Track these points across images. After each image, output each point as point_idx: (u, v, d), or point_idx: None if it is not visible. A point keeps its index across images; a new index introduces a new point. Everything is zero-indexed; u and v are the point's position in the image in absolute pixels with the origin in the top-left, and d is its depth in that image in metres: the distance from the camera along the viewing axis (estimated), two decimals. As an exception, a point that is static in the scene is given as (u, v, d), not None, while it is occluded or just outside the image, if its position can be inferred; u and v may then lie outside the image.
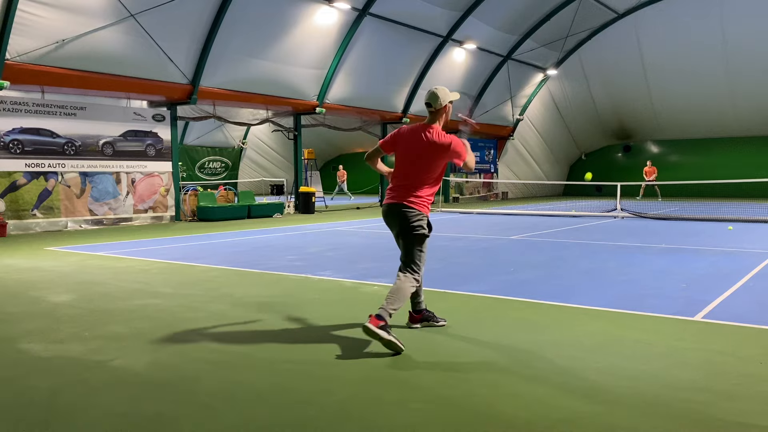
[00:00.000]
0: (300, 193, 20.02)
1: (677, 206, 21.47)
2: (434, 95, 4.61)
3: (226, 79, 17.10)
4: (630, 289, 6.53)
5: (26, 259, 9.35)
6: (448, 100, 4.65)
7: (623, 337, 4.66)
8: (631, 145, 32.31)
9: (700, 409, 3.27)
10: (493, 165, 29.39)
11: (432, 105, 4.63)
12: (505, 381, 3.74)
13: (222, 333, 4.89)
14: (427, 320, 4.97)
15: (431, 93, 4.64)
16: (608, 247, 10.13)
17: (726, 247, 10.11)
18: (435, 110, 4.64)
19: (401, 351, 4.22)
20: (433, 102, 4.62)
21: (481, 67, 25.04)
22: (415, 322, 4.95)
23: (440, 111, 4.65)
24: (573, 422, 3.12)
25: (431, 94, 4.64)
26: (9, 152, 13.47)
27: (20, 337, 4.80)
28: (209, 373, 3.92)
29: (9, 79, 12.79)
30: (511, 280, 7.21)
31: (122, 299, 6.23)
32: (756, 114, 26.92)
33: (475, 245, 10.65)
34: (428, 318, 4.97)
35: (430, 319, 4.97)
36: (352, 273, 7.67)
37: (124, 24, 14.21)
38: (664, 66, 26.59)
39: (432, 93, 4.63)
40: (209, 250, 10.30)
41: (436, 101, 4.61)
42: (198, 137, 30.13)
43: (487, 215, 18.37)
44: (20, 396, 3.55)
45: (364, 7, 18.76)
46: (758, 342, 4.51)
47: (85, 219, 14.87)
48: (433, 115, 4.67)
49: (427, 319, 4.97)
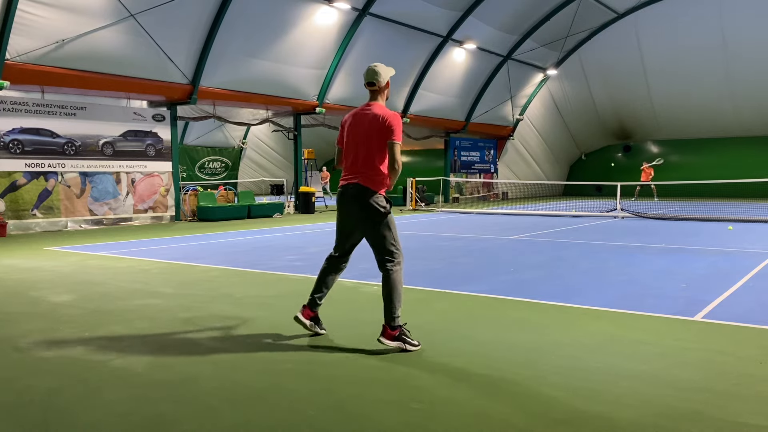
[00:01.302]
0: (300, 193, 20.02)
1: (677, 206, 21.47)
2: (375, 72, 4.43)
3: (226, 79, 17.10)
4: (630, 289, 6.53)
5: (26, 259, 9.35)
6: (389, 76, 4.49)
7: (623, 337, 4.66)
8: (631, 145, 32.31)
9: (700, 409, 3.27)
10: (493, 165, 29.40)
11: (375, 83, 4.45)
12: (505, 381, 3.74)
13: (222, 333, 4.89)
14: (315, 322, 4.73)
15: (372, 71, 4.44)
16: (608, 247, 10.13)
17: (726, 247, 10.11)
18: (378, 88, 4.48)
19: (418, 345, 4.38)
20: (375, 79, 4.44)
21: (481, 67, 25.05)
22: (307, 318, 4.67)
23: (383, 88, 4.49)
24: (573, 422, 3.12)
25: (372, 71, 4.44)
26: (9, 152, 13.47)
27: (20, 337, 4.80)
28: (209, 373, 3.92)
29: (9, 79, 12.80)
30: (511, 280, 7.20)
31: (122, 299, 6.23)
32: (756, 114, 26.92)
33: (475, 245, 10.65)
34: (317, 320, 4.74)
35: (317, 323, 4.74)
36: (352, 273, 7.67)
37: (124, 24, 14.21)
38: (664, 66, 26.60)
39: (372, 70, 4.44)
40: (209, 250, 10.30)
41: (378, 78, 4.43)
42: (198, 137, 30.13)
43: (487, 215, 18.37)
44: (20, 396, 3.55)
45: (364, 7, 18.76)
46: (758, 342, 4.51)
47: (85, 219, 14.87)
48: (375, 93, 4.50)
49: (316, 321, 4.74)
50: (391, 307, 4.30)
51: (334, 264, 4.71)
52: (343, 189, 4.50)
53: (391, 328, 4.29)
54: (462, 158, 27.68)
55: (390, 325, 4.30)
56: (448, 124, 26.02)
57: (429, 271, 7.84)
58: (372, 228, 4.39)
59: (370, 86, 4.50)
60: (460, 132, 26.88)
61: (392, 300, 4.31)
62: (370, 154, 4.39)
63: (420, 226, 14.78)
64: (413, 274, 7.62)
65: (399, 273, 4.37)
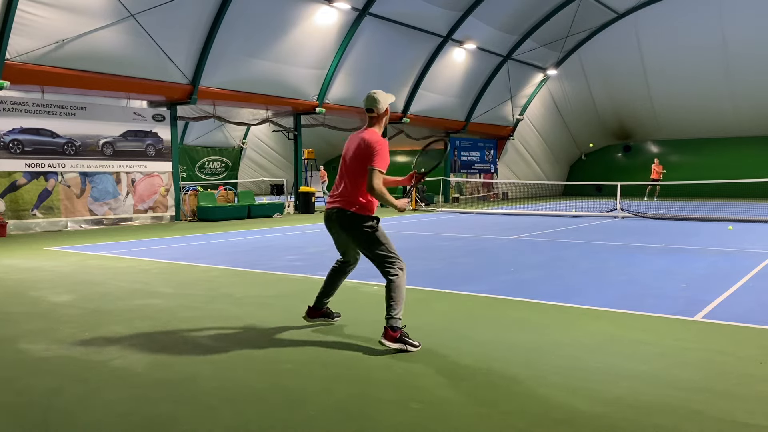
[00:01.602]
0: (300, 193, 20.03)
1: (677, 206, 21.47)
2: (374, 99, 4.49)
3: (226, 79, 17.10)
4: (630, 289, 6.53)
5: (26, 259, 9.35)
6: (387, 103, 4.54)
7: (623, 337, 4.66)
8: (631, 145, 32.32)
9: (700, 409, 3.27)
10: (493, 165, 29.39)
11: (373, 110, 4.51)
12: (505, 381, 3.74)
13: (222, 333, 4.89)
14: (326, 317, 5.08)
15: (371, 98, 4.50)
16: (608, 247, 10.13)
17: (726, 247, 10.11)
18: (377, 114, 4.52)
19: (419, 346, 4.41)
20: (374, 106, 4.50)
21: (481, 67, 25.04)
22: (313, 317, 5.01)
23: (382, 115, 4.54)
24: (573, 422, 3.12)
25: (371, 98, 4.50)
26: (9, 152, 13.48)
27: (20, 337, 4.80)
28: (209, 373, 3.92)
29: (9, 79, 12.79)
30: (511, 280, 7.20)
31: (122, 299, 6.23)
32: (756, 114, 26.92)
33: (475, 245, 10.65)
34: (327, 315, 5.09)
35: (329, 316, 5.10)
36: (352, 273, 7.66)
37: (124, 24, 14.21)
38: (663, 66, 26.59)
39: (372, 97, 4.50)
40: (209, 250, 10.30)
41: (377, 105, 4.49)
42: (198, 137, 30.14)
43: (487, 215, 18.37)
44: (20, 396, 3.55)
45: (364, 7, 18.76)
46: (758, 342, 4.51)
47: (85, 219, 14.87)
48: (373, 119, 4.54)
49: (326, 316, 5.09)
50: (393, 310, 4.39)
51: (342, 267, 4.94)
52: (327, 212, 4.65)
53: (393, 329, 4.37)
54: (462, 158, 27.69)
55: (392, 327, 4.38)
56: (448, 124, 26.02)
57: (429, 271, 7.84)
58: (363, 247, 4.55)
59: (369, 112, 4.54)
60: (460, 132, 26.88)
61: (394, 303, 4.40)
62: (353, 177, 4.48)
63: (420, 226, 14.78)
64: (413, 274, 7.62)
65: (401, 278, 4.47)
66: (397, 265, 4.47)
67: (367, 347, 4.44)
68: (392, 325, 4.37)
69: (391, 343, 4.35)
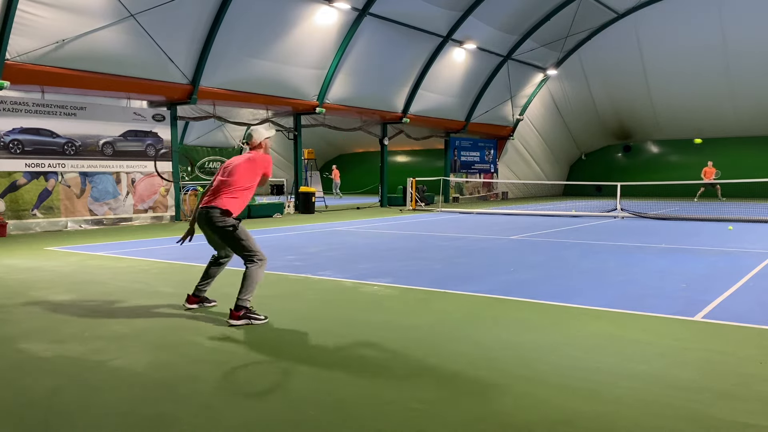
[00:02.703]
0: (300, 193, 20.03)
1: (677, 206, 21.47)
2: (250, 135, 5.57)
3: (226, 79, 17.10)
4: (630, 289, 6.54)
5: (26, 259, 9.35)
6: (263, 138, 5.48)
7: (623, 337, 4.66)
8: (631, 145, 32.31)
9: (700, 409, 3.27)
10: (493, 165, 29.39)
11: (248, 143, 5.55)
12: (505, 381, 3.74)
13: (222, 333, 4.89)
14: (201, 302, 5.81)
15: (248, 134, 5.62)
16: (608, 247, 10.13)
17: (726, 247, 10.11)
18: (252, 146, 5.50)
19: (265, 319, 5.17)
20: (248, 141, 5.57)
21: (481, 67, 25.04)
22: (191, 304, 5.76)
23: (257, 147, 5.49)
24: (573, 422, 3.12)
25: (248, 134, 5.62)
26: (9, 152, 13.47)
27: (20, 337, 4.80)
28: (209, 373, 3.92)
29: (9, 79, 12.79)
30: (511, 280, 7.21)
31: (122, 299, 6.23)
32: (756, 114, 26.91)
33: (475, 245, 10.65)
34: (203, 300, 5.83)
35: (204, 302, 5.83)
36: (351, 273, 7.67)
37: (124, 24, 14.20)
38: (664, 66, 26.59)
39: (248, 134, 5.61)
40: (209, 250, 10.26)
41: (250, 140, 5.53)
42: (198, 137, 30.13)
43: (487, 215, 18.37)
44: (20, 396, 3.55)
45: (364, 7, 18.75)
46: (758, 342, 4.52)
47: (85, 219, 14.87)
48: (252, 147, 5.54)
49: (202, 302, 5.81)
50: (244, 294, 5.09)
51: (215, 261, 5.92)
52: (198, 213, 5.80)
53: (237, 309, 5.07)
54: (462, 158, 27.68)
55: (236, 307, 5.07)
56: (448, 124, 26.01)
57: (429, 271, 7.84)
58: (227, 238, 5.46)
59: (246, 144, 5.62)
60: (460, 132, 26.87)
61: (246, 288, 5.12)
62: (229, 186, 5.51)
63: (420, 226, 14.78)
64: (413, 273, 7.62)
65: (259, 266, 5.23)
66: (257, 258, 5.25)
67: (367, 347, 4.44)
68: (237, 305, 5.07)
69: (236, 321, 5.05)
